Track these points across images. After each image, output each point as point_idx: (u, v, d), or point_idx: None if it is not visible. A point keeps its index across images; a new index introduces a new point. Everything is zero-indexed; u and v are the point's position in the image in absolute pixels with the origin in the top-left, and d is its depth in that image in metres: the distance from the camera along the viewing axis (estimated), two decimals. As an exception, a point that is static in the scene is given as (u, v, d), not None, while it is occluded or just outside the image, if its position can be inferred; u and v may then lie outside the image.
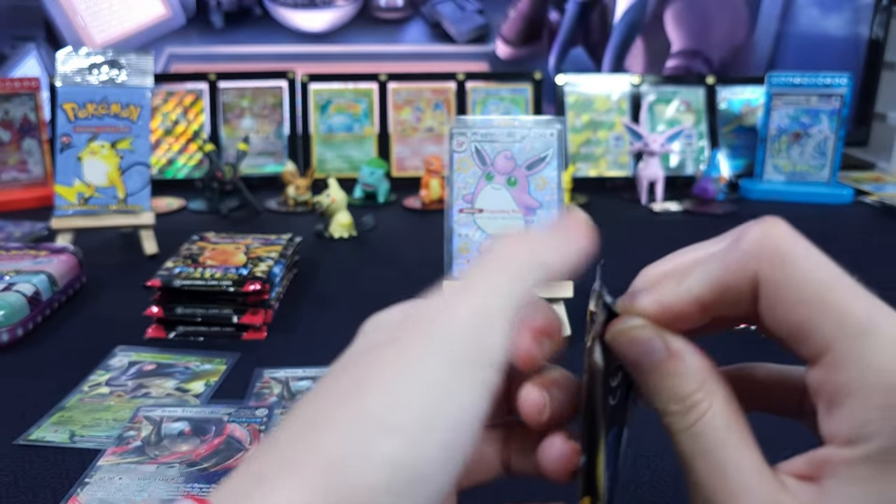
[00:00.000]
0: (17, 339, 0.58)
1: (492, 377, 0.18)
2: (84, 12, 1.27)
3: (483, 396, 0.17)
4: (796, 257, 0.18)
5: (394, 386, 0.17)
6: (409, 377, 0.17)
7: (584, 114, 1.18)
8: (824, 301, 0.18)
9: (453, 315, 0.18)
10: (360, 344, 0.21)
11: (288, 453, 0.16)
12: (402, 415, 0.16)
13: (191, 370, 0.55)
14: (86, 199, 0.79)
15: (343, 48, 1.34)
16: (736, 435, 0.19)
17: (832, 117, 1.09)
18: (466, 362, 0.17)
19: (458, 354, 0.17)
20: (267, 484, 0.16)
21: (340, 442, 0.16)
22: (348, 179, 1.07)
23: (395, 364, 0.17)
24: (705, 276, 0.20)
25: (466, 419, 0.17)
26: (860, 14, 1.29)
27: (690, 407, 0.19)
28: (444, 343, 0.17)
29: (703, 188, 1.03)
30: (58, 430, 0.46)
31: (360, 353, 0.19)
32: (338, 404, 0.17)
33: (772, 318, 0.19)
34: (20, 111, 1.05)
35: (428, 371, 0.17)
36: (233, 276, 0.61)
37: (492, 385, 0.18)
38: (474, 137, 0.62)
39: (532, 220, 0.62)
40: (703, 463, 0.18)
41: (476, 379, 0.17)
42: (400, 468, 0.16)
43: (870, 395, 0.17)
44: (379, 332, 0.21)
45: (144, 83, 0.81)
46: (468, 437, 0.17)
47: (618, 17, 1.31)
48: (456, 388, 0.17)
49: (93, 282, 0.73)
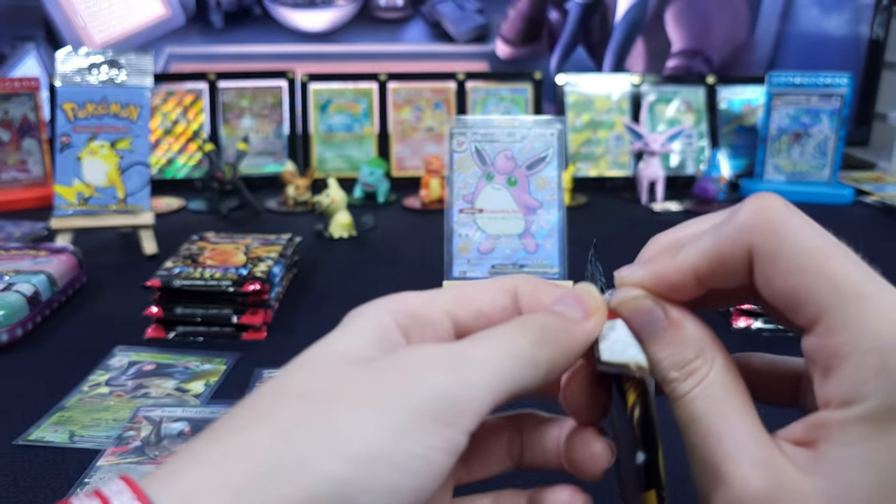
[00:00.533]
0: (17, 339, 0.58)
1: (459, 439, 0.18)
2: (84, 12, 1.27)
3: (447, 453, 0.18)
4: (790, 228, 0.19)
5: (365, 418, 0.17)
6: (381, 415, 0.17)
7: (584, 113, 1.17)
8: (818, 269, 0.18)
9: (440, 375, 0.18)
10: (341, 349, 0.21)
11: (228, 442, 0.17)
12: (362, 444, 0.17)
13: (190, 370, 0.55)
14: (85, 200, 0.79)
15: (343, 48, 1.33)
16: (733, 400, 0.19)
17: (832, 117, 1.09)
18: (439, 422, 0.18)
19: (432, 414, 0.18)
20: (193, 468, 0.16)
21: (288, 446, 0.16)
22: (348, 179, 1.07)
23: (371, 398, 0.18)
24: (701, 248, 0.20)
25: (422, 469, 0.17)
26: (861, 14, 1.29)
27: (689, 373, 0.19)
28: (423, 398, 0.18)
29: (703, 188, 1.03)
30: (57, 431, 0.46)
31: (341, 365, 0.19)
32: (302, 408, 0.17)
33: (767, 288, 0.19)
34: (20, 111, 1.05)
35: (401, 416, 0.17)
36: (232, 276, 0.61)
37: (459, 445, 0.18)
38: (474, 137, 0.62)
39: (532, 220, 0.62)
40: (700, 426, 0.19)
41: (442, 438, 0.18)
42: (340, 485, 0.16)
43: (864, 357, 0.17)
44: (362, 344, 0.21)
45: (144, 83, 0.81)
46: (420, 483, 0.17)
47: (619, 16, 1.31)
48: (421, 440, 0.17)
49: (92, 282, 0.73)
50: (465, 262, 0.62)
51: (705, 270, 0.20)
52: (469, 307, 0.22)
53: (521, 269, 0.61)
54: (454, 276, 0.62)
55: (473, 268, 0.62)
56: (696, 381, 0.19)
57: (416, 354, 0.19)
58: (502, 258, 0.62)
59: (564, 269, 0.62)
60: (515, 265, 0.62)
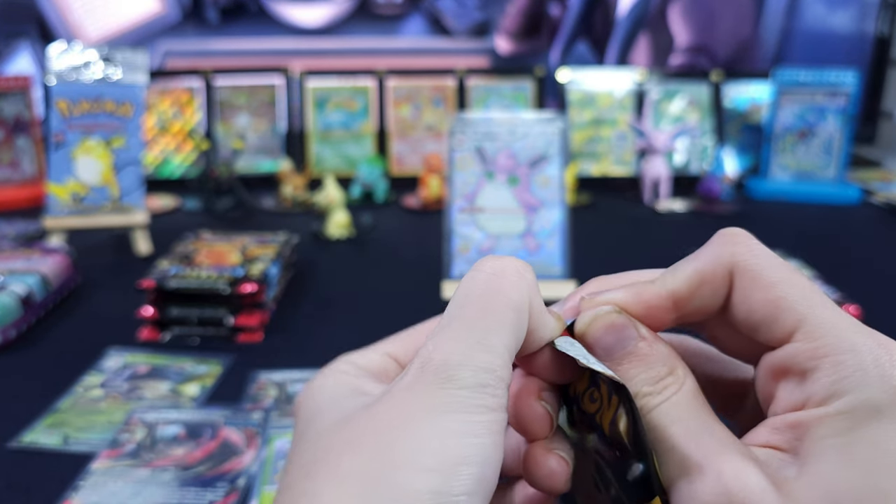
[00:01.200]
0: (11, 340, 0.58)
1: (501, 417, 0.19)
2: (78, 8, 1.25)
3: (499, 433, 0.19)
4: (763, 249, 0.21)
5: (420, 434, 0.18)
6: (431, 425, 0.18)
7: (587, 110, 1.16)
8: (794, 281, 0.20)
9: (461, 367, 0.19)
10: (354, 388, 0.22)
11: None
12: (434, 457, 0.17)
13: (185, 372, 0.54)
14: (79, 199, 0.78)
15: (340, 43, 1.32)
16: (708, 409, 0.20)
17: (838, 115, 1.08)
18: (480, 409, 0.19)
19: (471, 404, 0.18)
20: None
21: (378, 477, 0.17)
22: (346, 178, 1.06)
23: (416, 415, 0.19)
24: (682, 272, 0.21)
25: (491, 455, 0.18)
26: (866, 10, 1.28)
27: (664, 388, 0.20)
28: (458, 393, 0.19)
29: (708, 187, 1.02)
30: (51, 434, 0.45)
31: (369, 404, 0.20)
32: (362, 450, 0.18)
33: (746, 303, 0.20)
34: (13, 109, 1.04)
35: (449, 419, 0.18)
36: (228, 276, 0.60)
37: (503, 422, 0.19)
38: (475, 135, 0.61)
39: (534, 220, 0.61)
40: (678, 429, 0.19)
41: (489, 420, 0.19)
42: (440, 497, 0.17)
43: (843, 356, 0.18)
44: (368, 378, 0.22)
45: (138, 80, 0.80)
46: (495, 469, 0.18)
47: (623, 12, 1.30)
48: (474, 430, 0.18)
49: (86, 282, 0.72)
50: (465, 262, 0.61)
51: (685, 293, 0.21)
52: (412, 350, 0.23)
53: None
54: (454, 276, 0.61)
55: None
56: (672, 392, 0.20)
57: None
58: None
59: (567, 270, 0.62)
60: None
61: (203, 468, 0.42)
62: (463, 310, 0.20)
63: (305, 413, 0.22)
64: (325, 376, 0.23)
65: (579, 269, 0.62)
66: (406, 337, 0.24)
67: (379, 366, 0.23)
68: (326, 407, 0.21)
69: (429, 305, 0.62)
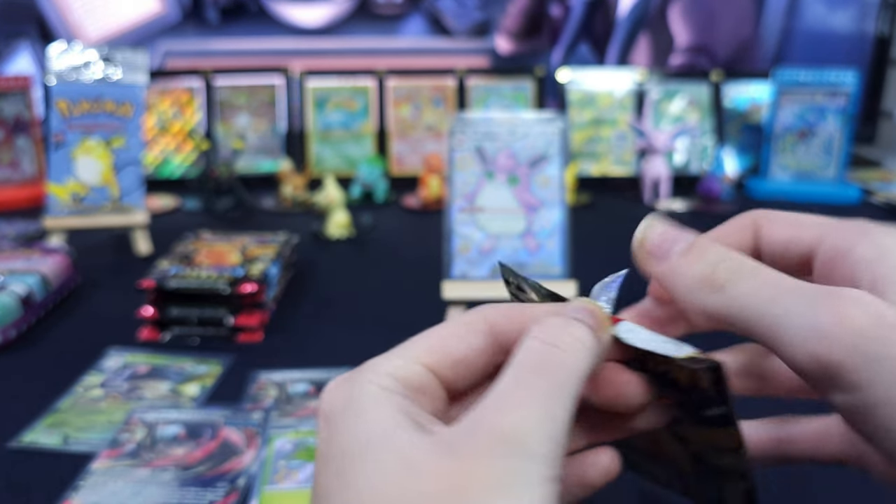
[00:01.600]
0: (11, 340, 0.58)
1: (558, 489, 0.18)
2: (78, 8, 1.25)
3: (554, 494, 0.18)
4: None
5: None
6: (501, 498, 0.17)
7: (587, 110, 1.16)
8: (805, 215, 0.24)
9: (530, 434, 0.18)
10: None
11: None
12: None
13: (185, 372, 0.54)
14: (79, 199, 0.78)
15: (340, 43, 1.32)
16: None
17: (838, 115, 1.08)
18: (547, 480, 0.18)
19: (538, 474, 0.18)
20: None
21: None
22: (346, 178, 1.06)
23: (486, 483, 0.18)
24: (714, 231, 0.24)
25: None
26: (866, 10, 1.28)
27: (718, 274, 0.21)
28: (526, 465, 0.18)
29: (708, 187, 1.02)
30: (51, 433, 0.45)
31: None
32: None
33: (771, 234, 0.24)
34: (13, 109, 1.04)
35: (517, 491, 0.17)
36: (228, 276, 0.60)
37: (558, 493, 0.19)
38: (475, 135, 0.61)
39: (534, 220, 0.61)
40: (788, 282, 0.20)
41: (552, 493, 0.18)
42: None
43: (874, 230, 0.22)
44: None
45: (138, 80, 0.80)
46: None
47: (623, 12, 1.30)
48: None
49: (86, 282, 0.72)
50: (465, 262, 0.61)
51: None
52: (445, 361, 0.21)
53: (522, 269, 0.60)
54: (454, 276, 0.61)
55: (473, 268, 0.61)
56: (729, 274, 0.21)
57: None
58: (503, 258, 0.61)
59: (567, 270, 0.62)
60: (517, 265, 0.61)
61: (203, 468, 0.42)
62: (527, 375, 0.19)
63: (350, 441, 0.19)
64: (366, 395, 0.20)
65: (579, 269, 0.62)
66: (434, 342, 0.22)
67: (419, 381, 0.21)
68: (379, 444, 0.19)
69: (429, 305, 0.62)
